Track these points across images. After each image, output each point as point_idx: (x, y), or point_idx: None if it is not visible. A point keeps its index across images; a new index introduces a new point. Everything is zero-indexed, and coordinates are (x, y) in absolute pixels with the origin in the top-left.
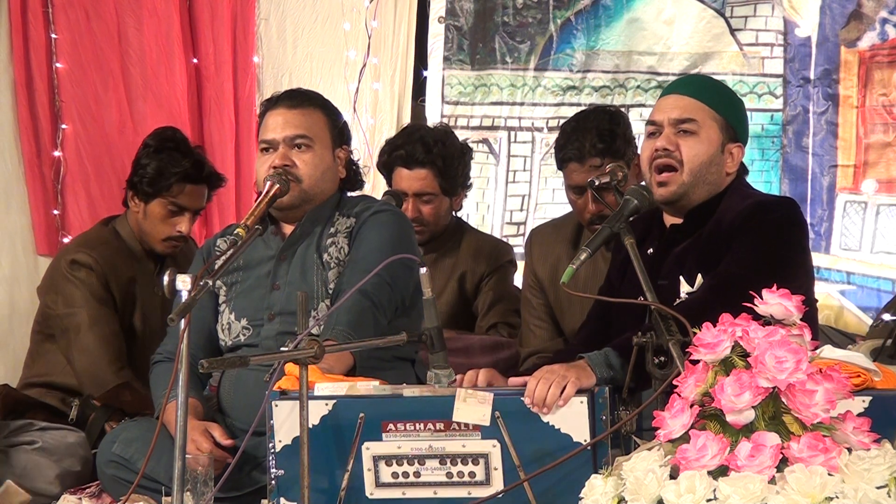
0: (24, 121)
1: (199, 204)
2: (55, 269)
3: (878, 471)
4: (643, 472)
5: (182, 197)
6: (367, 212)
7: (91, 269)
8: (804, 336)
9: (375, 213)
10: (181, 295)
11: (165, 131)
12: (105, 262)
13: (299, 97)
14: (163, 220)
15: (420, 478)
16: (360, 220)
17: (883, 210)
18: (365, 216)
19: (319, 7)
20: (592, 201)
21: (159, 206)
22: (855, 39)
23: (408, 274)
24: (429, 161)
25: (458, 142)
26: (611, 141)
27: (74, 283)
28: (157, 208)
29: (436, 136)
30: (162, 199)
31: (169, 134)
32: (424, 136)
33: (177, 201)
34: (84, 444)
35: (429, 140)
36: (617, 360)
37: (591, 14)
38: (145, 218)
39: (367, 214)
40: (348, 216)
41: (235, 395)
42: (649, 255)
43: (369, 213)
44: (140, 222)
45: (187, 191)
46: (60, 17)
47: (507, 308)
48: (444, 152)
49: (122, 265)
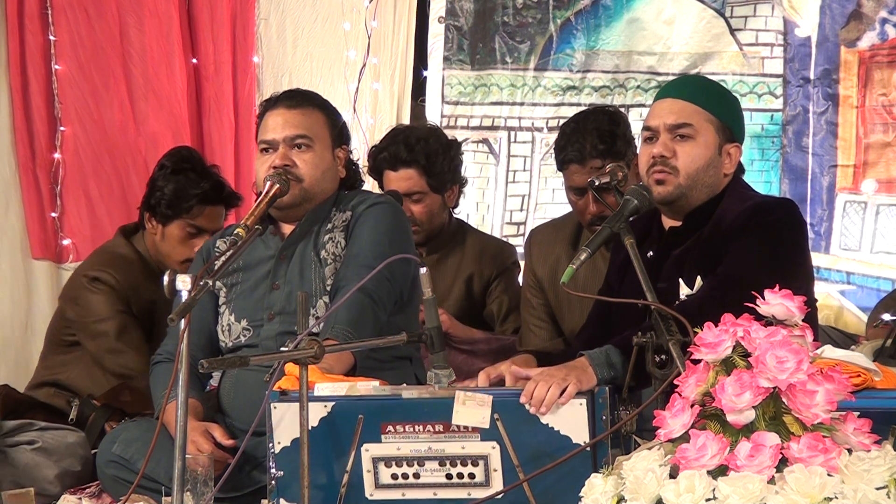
0: (19, 125)
1: (217, 225)
2: (75, 283)
3: (878, 472)
4: (643, 472)
5: (201, 219)
6: (363, 205)
7: (113, 287)
8: (806, 337)
9: (371, 206)
10: (181, 295)
11: (181, 151)
12: (126, 282)
13: (298, 97)
14: (181, 242)
15: (419, 479)
16: (356, 214)
17: (883, 210)
18: (360, 209)
19: (319, 7)
20: (593, 202)
21: (178, 229)
22: (855, 39)
23: (405, 268)
24: (412, 160)
25: (443, 138)
26: (611, 142)
27: (98, 295)
28: (175, 230)
29: (418, 135)
30: (181, 222)
31: (185, 154)
32: (407, 136)
33: (196, 223)
34: (84, 444)
35: (411, 139)
36: (618, 358)
37: (591, 14)
38: (163, 240)
39: (362, 208)
40: (344, 210)
41: (236, 395)
42: (649, 258)
43: (365, 206)
44: (157, 244)
45: (206, 213)
46: (60, 19)
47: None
48: (427, 149)
49: (143, 287)
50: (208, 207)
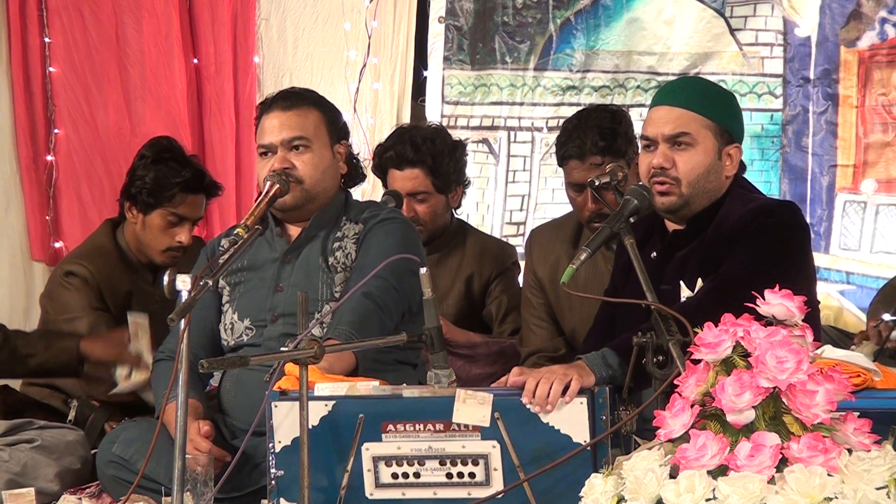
0: (21, 125)
1: (198, 213)
2: (53, 277)
3: (878, 472)
4: (643, 472)
5: (182, 207)
6: (375, 219)
7: (86, 280)
8: (806, 337)
9: (383, 221)
10: (181, 295)
11: (161, 141)
12: (101, 274)
13: (293, 98)
14: (163, 231)
15: (420, 478)
16: (368, 227)
17: (882, 210)
18: (372, 223)
19: (320, 7)
20: (592, 200)
21: (159, 217)
22: (854, 39)
23: (414, 279)
24: (418, 160)
25: (449, 139)
26: (612, 139)
27: (70, 291)
28: (156, 219)
29: (424, 135)
30: (162, 210)
31: (165, 143)
32: (413, 136)
33: (177, 212)
34: (84, 443)
35: (417, 139)
36: (615, 360)
37: (590, 14)
38: (144, 229)
39: (374, 222)
40: (356, 222)
41: (236, 395)
42: (652, 259)
43: (376, 221)
44: (138, 233)
45: (188, 201)
46: (54, 20)
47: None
48: (433, 150)
49: (119, 278)
50: (189, 196)
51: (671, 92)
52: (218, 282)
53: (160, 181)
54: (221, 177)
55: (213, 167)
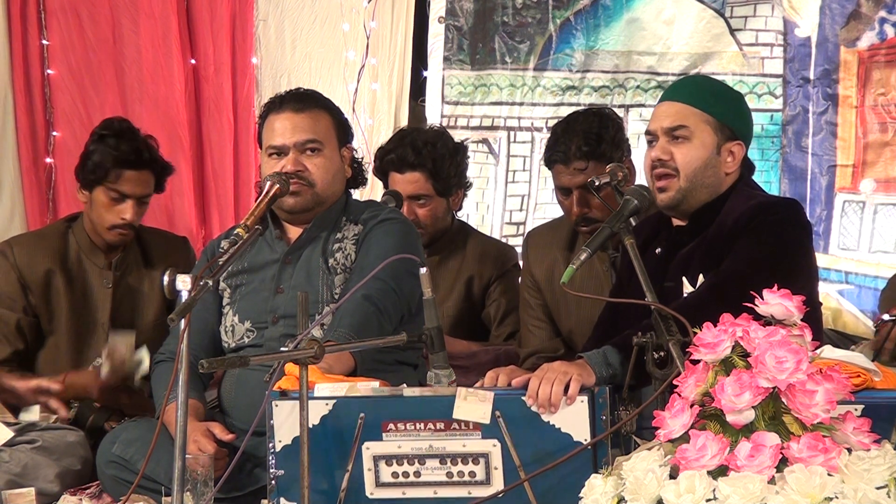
0: (22, 128)
1: (142, 190)
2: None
3: (878, 471)
4: (643, 472)
5: (123, 183)
6: (375, 219)
7: (5, 256)
8: (804, 336)
9: (382, 221)
10: (181, 295)
11: (112, 121)
12: (22, 255)
13: (305, 100)
14: (107, 208)
15: (420, 477)
16: (367, 228)
17: (881, 210)
18: (372, 224)
19: (318, 8)
20: (577, 203)
21: (102, 194)
22: (854, 39)
23: (414, 281)
24: (419, 164)
25: (450, 142)
26: (596, 144)
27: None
28: (100, 196)
29: (426, 138)
30: (102, 187)
31: (113, 123)
32: (415, 139)
33: (117, 188)
34: (84, 444)
35: (418, 143)
36: (616, 358)
37: (590, 14)
38: (91, 207)
39: (373, 222)
40: (356, 222)
41: (236, 395)
42: (657, 255)
43: (376, 221)
44: (88, 213)
45: (127, 176)
46: (52, 22)
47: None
48: (434, 154)
49: (41, 257)
50: (129, 171)
51: (675, 88)
52: (218, 284)
53: (100, 158)
54: (220, 177)
55: (211, 168)
